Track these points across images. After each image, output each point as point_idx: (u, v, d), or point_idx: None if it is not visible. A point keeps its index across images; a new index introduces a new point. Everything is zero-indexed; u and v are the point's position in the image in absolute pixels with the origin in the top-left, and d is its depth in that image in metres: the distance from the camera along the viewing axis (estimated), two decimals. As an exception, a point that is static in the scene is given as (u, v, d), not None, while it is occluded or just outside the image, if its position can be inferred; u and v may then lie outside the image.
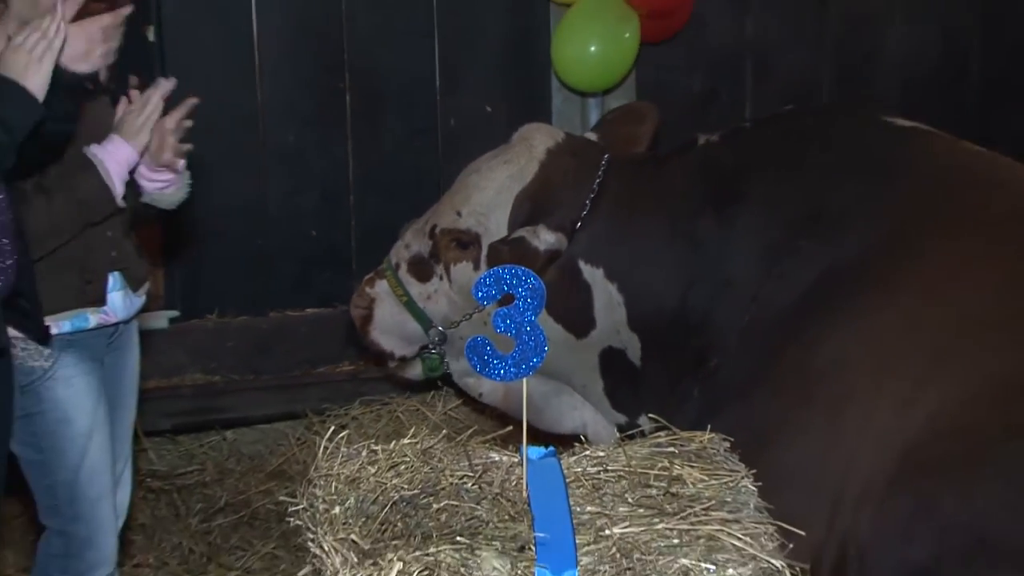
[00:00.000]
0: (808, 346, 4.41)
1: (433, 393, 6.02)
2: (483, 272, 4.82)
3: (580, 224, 4.92)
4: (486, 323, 4.84)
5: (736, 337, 4.70)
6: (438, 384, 5.81)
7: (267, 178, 6.18)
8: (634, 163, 5.07)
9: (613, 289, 4.95)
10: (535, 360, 2.70)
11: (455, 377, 5.34)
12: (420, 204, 5.34)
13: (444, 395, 5.97)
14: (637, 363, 5.01)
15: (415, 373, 5.34)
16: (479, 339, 2.73)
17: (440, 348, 5.18)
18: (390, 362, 5.37)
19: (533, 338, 2.69)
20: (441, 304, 5.12)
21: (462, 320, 5.08)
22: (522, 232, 4.85)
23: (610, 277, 4.94)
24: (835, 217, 4.66)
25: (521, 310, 2.67)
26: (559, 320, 4.86)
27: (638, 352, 5.01)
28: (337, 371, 6.24)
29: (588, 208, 4.93)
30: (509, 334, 2.69)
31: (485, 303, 2.74)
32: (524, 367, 2.70)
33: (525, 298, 2.68)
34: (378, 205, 6.15)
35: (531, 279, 2.69)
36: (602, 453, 2.77)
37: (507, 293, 2.68)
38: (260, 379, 6.28)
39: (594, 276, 4.94)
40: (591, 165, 5.02)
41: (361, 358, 5.90)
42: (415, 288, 5.14)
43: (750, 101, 6.61)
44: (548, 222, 4.89)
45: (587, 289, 4.92)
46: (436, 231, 5.11)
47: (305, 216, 6.41)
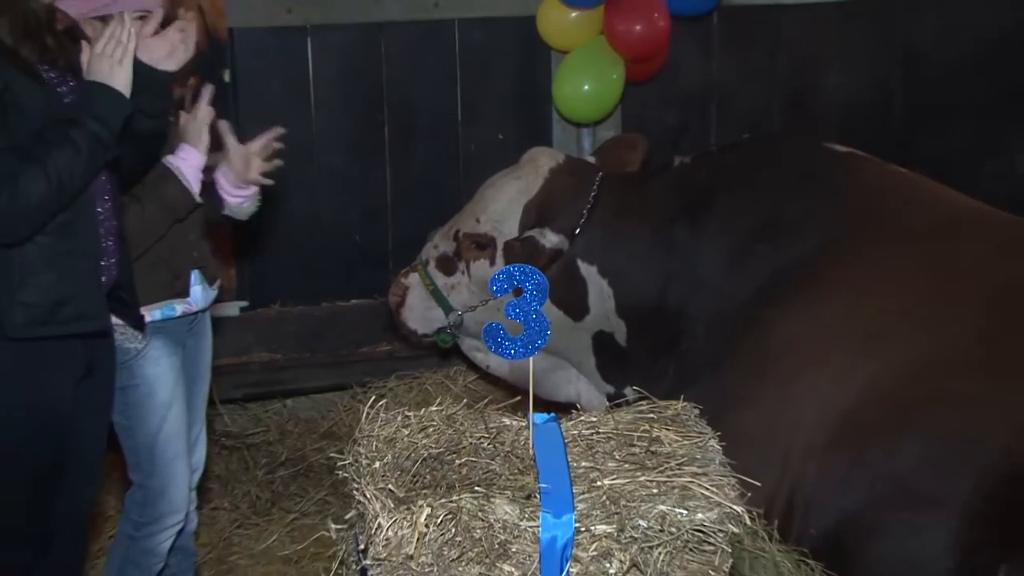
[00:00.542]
0: (763, 331, 4.44)
1: (455, 369, 6.02)
2: (498, 268, 4.91)
3: (578, 230, 4.94)
4: (499, 309, 4.87)
5: (704, 324, 4.73)
6: (459, 361, 5.84)
7: (320, 194, 6.17)
8: (622, 180, 5.09)
9: (604, 283, 4.98)
10: (540, 342, 2.70)
11: (464, 350, 5.40)
12: (445, 214, 5.36)
13: (464, 371, 5.97)
14: (623, 344, 5.05)
15: (443, 342, 5.35)
16: (494, 324, 2.73)
17: (455, 330, 5.22)
18: (413, 339, 5.41)
19: (538, 324, 2.68)
20: (462, 293, 5.17)
21: (478, 306, 5.11)
22: (532, 233, 4.92)
23: (602, 273, 4.98)
24: (785, 226, 4.68)
25: (528, 301, 2.67)
26: (560, 307, 4.90)
27: (624, 335, 5.04)
28: (377, 351, 6.23)
29: (585, 217, 4.96)
30: (519, 320, 2.69)
31: (499, 295, 2.72)
32: (531, 348, 2.70)
33: (532, 291, 2.68)
34: (410, 215, 6.14)
35: (537, 275, 2.69)
36: (594, 418, 2.78)
37: (517, 287, 2.68)
38: (314, 357, 6.27)
39: (589, 272, 4.97)
40: (587, 182, 5.05)
41: (397, 340, 5.87)
42: (441, 280, 5.19)
43: (715, 130, 6.60)
44: (552, 227, 4.93)
45: (583, 283, 4.96)
46: (459, 234, 5.15)
47: (351, 225, 6.40)
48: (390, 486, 2.51)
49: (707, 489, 2.49)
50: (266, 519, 5.36)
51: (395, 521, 2.43)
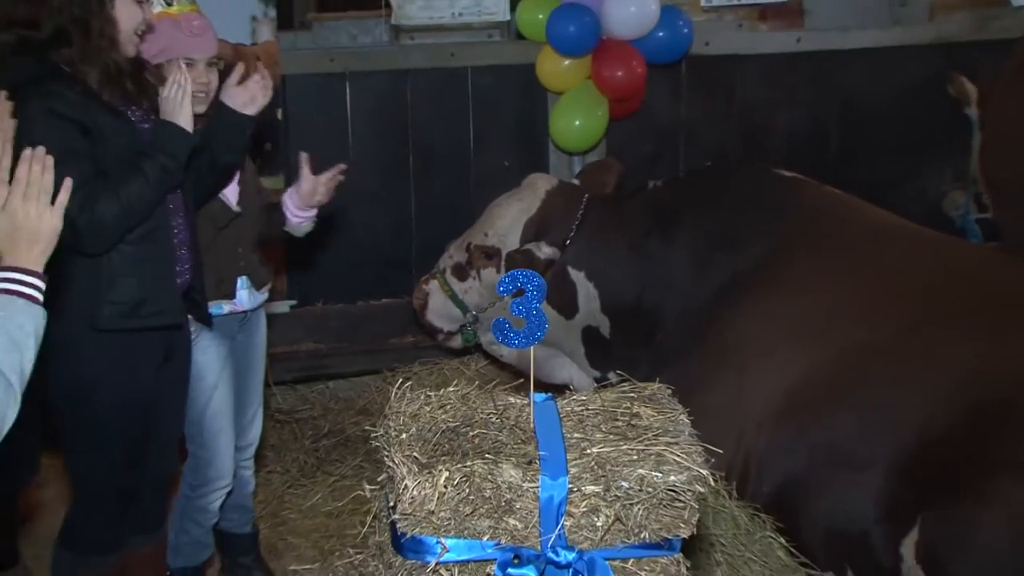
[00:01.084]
0: (722, 326, 4.49)
1: (468, 357, 5.99)
2: (503, 274, 4.89)
3: (569, 242, 4.94)
4: (506, 308, 4.89)
5: (674, 319, 4.75)
6: (471, 351, 5.79)
7: (356, 212, 6.13)
8: (605, 200, 5.09)
9: (591, 286, 4.98)
10: (539, 334, 2.68)
11: (483, 345, 5.37)
12: (458, 228, 5.34)
13: (476, 358, 5.93)
14: (607, 336, 5.04)
15: (457, 343, 5.39)
16: (501, 319, 2.70)
17: (473, 326, 5.20)
18: (439, 335, 5.40)
19: (538, 319, 2.67)
20: (474, 296, 5.15)
21: (488, 307, 5.11)
22: (530, 245, 4.91)
23: (589, 278, 4.97)
24: (739, 238, 4.72)
25: (529, 300, 2.66)
26: (554, 307, 4.88)
27: (608, 329, 5.03)
28: (403, 342, 6.17)
29: (574, 231, 4.96)
30: (522, 316, 2.67)
31: (505, 295, 2.69)
32: (532, 339, 2.68)
33: (532, 292, 2.66)
34: (430, 229, 6.11)
35: (536, 278, 2.67)
36: (584, 397, 2.76)
37: (520, 288, 2.67)
38: (351, 346, 6.22)
39: (578, 277, 4.97)
40: (576, 202, 5.04)
41: (420, 334, 5.85)
42: (456, 285, 5.18)
43: (682, 159, 6.58)
44: (547, 240, 4.93)
45: (573, 285, 4.95)
46: (471, 247, 5.15)
47: (381, 237, 6.38)
48: (415, 454, 2.50)
49: (678, 456, 2.48)
50: (311, 481, 5.34)
51: (419, 483, 2.41)
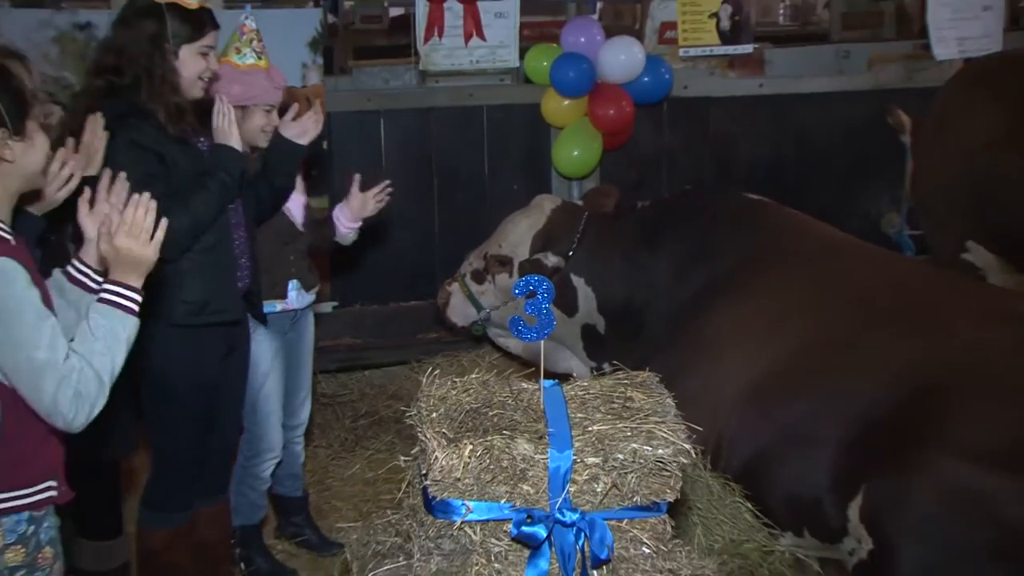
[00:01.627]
0: (699, 324, 4.45)
1: (483, 350, 5.99)
2: (514, 280, 4.91)
3: (571, 252, 4.94)
4: (517, 308, 4.90)
5: (659, 318, 4.73)
6: (485, 343, 5.80)
7: (389, 228, 6.12)
8: (601, 217, 5.08)
9: (589, 290, 4.97)
10: (547, 330, 2.67)
11: (492, 337, 5.37)
12: (476, 241, 5.33)
13: (490, 352, 5.92)
14: (603, 332, 5.02)
15: (473, 333, 5.36)
16: (516, 317, 2.70)
17: (485, 322, 5.18)
18: (456, 328, 5.39)
19: (547, 317, 2.66)
20: (489, 297, 5.14)
21: (500, 306, 5.10)
22: (538, 255, 4.93)
23: (588, 283, 4.97)
24: (714, 250, 4.69)
25: (540, 301, 2.65)
26: (558, 307, 4.84)
27: (603, 326, 5.02)
28: (428, 337, 6.19)
29: (575, 243, 4.97)
30: (534, 314, 2.66)
31: (520, 296, 2.68)
32: (542, 333, 2.67)
33: (543, 294, 2.65)
34: (451, 243, 6.11)
35: (546, 283, 2.66)
36: (585, 383, 2.75)
37: (532, 290, 2.65)
38: (385, 341, 6.25)
39: (578, 282, 4.96)
40: (577, 219, 5.04)
41: (442, 331, 5.84)
42: (474, 288, 5.16)
43: (664, 184, 6.59)
44: (552, 251, 4.94)
45: (574, 289, 4.95)
46: (487, 255, 5.14)
47: (410, 248, 6.38)
48: (443, 430, 2.49)
49: (665, 433, 2.47)
50: (351, 454, 5.36)
51: (447, 454, 2.42)
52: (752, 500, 3.92)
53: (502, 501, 2.46)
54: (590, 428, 2.49)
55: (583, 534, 2.45)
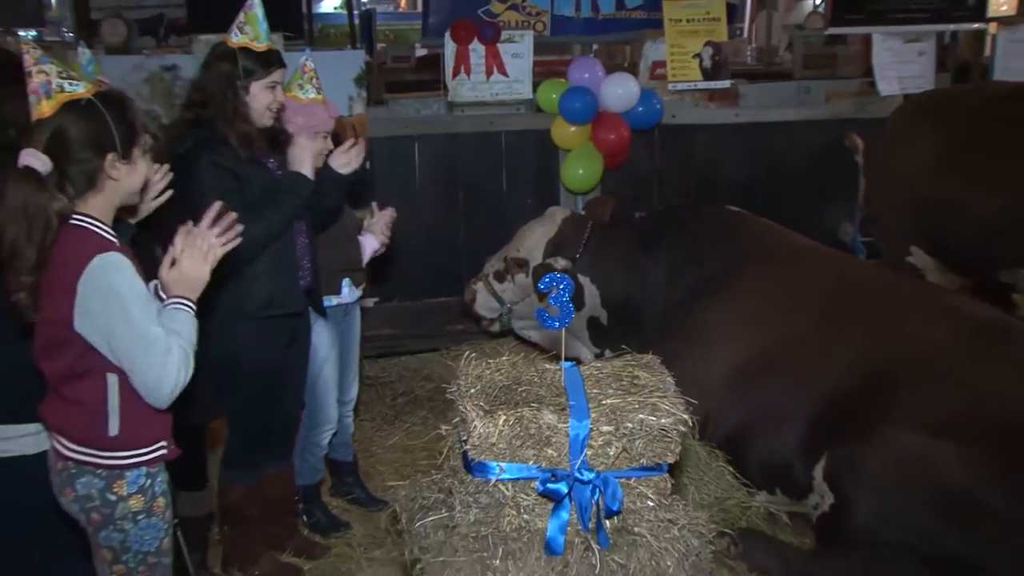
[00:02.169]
0: (689, 319, 4.45)
1: (503, 340, 5.88)
2: (530, 279, 4.94)
3: (578, 256, 4.93)
4: (532, 303, 4.95)
5: (655, 314, 4.72)
6: (505, 334, 5.71)
7: (422, 236, 6.13)
8: (604, 227, 5.08)
9: (594, 288, 4.96)
10: (568, 319, 2.69)
11: (515, 329, 5.34)
12: (496, 247, 5.33)
13: (508, 341, 5.82)
14: (606, 324, 5.01)
15: (495, 327, 5.33)
16: (542, 310, 2.71)
17: (508, 315, 5.17)
18: (483, 322, 5.37)
19: (567, 309, 2.68)
20: (509, 294, 5.13)
21: (519, 301, 5.10)
22: (550, 260, 4.90)
23: (592, 282, 4.96)
24: (701, 255, 4.69)
25: (562, 294, 2.67)
26: (568, 302, 4.86)
27: (606, 319, 5.01)
28: (455, 329, 6.15)
29: (582, 248, 4.96)
30: (556, 306, 2.67)
31: (544, 289, 2.69)
32: (563, 322, 2.69)
33: (563, 289, 2.67)
34: (474, 247, 6.05)
35: (566, 280, 2.68)
36: (599, 364, 2.77)
37: (555, 286, 2.67)
38: (418, 331, 6.24)
39: (584, 281, 4.94)
40: (583, 227, 5.04)
41: (468, 323, 5.82)
42: (496, 286, 5.15)
43: (656, 199, 6.57)
44: (563, 255, 4.92)
45: (581, 288, 4.92)
46: (507, 258, 5.13)
47: (439, 253, 6.36)
48: (480, 403, 2.52)
49: (667, 405, 2.50)
50: (391, 427, 5.34)
51: (484, 423, 2.44)
52: (733, 465, 3.96)
53: (530, 463, 2.48)
54: (604, 402, 2.51)
55: (598, 490, 2.47)
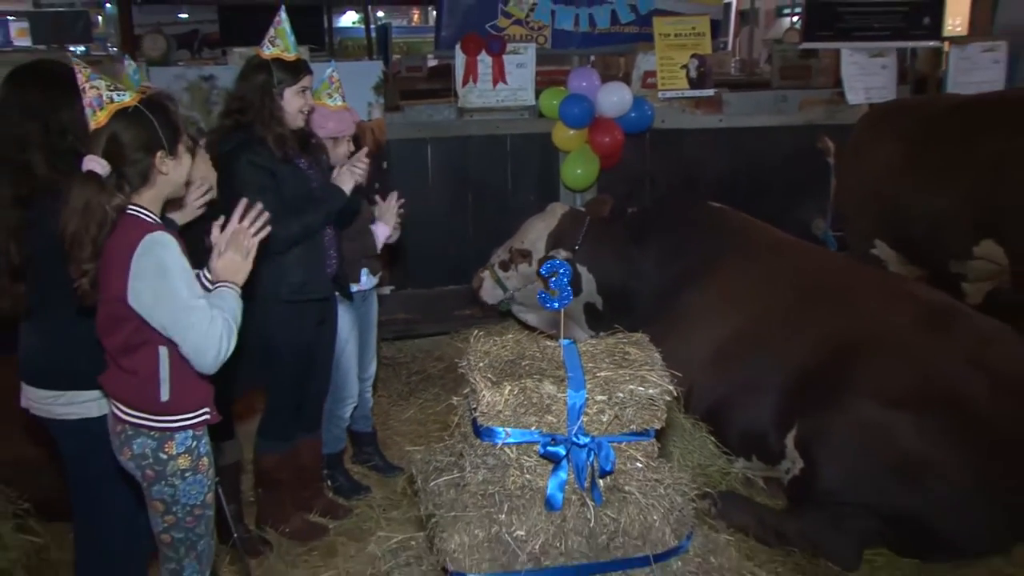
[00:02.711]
0: (676, 303, 4.47)
1: (507, 324, 5.86)
2: (533, 269, 4.94)
3: (577, 247, 4.94)
4: (534, 291, 4.94)
5: (645, 299, 4.74)
6: (508, 319, 5.76)
7: (433, 229, 6.15)
8: (600, 221, 5.08)
9: (590, 276, 4.97)
10: (567, 301, 2.71)
11: (515, 312, 5.34)
12: (501, 239, 5.33)
13: (512, 325, 5.81)
14: (601, 309, 5.02)
15: (502, 308, 5.30)
16: (543, 292, 2.73)
17: (510, 301, 5.18)
18: (487, 306, 5.36)
19: (567, 291, 2.71)
20: (514, 281, 5.14)
21: (522, 287, 5.10)
22: (552, 252, 4.91)
23: (589, 271, 4.96)
24: (687, 246, 4.70)
25: (562, 278, 2.70)
26: (566, 288, 4.88)
27: (601, 304, 5.02)
28: (464, 314, 6.16)
29: (580, 241, 4.96)
30: (557, 289, 2.69)
31: (546, 274, 2.70)
32: (563, 303, 2.71)
33: (563, 273, 2.70)
34: (482, 240, 6.03)
35: (566, 265, 2.71)
36: (593, 342, 2.79)
37: (556, 270, 2.70)
38: (431, 316, 6.27)
39: (582, 271, 4.95)
40: (581, 222, 5.04)
41: (475, 309, 5.82)
42: (502, 274, 5.16)
43: (648, 196, 6.53)
44: (563, 247, 4.94)
45: (579, 276, 4.93)
46: (512, 250, 5.14)
47: (450, 245, 6.38)
48: (488, 375, 2.53)
49: (654, 377, 2.52)
50: (406, 402, 5.35)
51: (491, 393, 2.46)
52: (714, 435, 4.02)
53: (532, 428, 2.49)
54: (598, 374, 2.54)
55: (593, 453, 2.50)
